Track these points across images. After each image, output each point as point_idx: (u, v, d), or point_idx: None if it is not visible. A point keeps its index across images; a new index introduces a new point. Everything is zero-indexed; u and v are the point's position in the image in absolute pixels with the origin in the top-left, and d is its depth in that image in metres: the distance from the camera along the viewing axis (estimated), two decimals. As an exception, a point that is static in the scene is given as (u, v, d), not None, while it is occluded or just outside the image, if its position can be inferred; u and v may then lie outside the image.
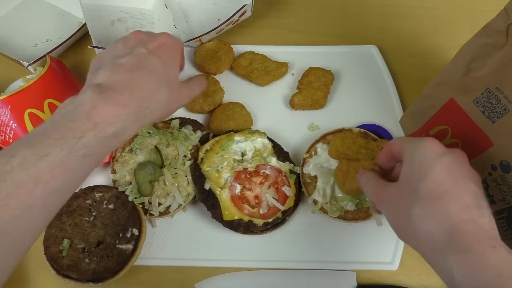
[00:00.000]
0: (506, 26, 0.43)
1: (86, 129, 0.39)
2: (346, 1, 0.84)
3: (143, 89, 0.44)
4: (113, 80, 0.43)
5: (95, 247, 0.56)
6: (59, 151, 0.37)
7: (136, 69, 0.44)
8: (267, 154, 0.62)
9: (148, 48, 0.47)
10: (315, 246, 0.60)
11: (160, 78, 0.46)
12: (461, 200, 0.37)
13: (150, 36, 0.50)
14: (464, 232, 0.35)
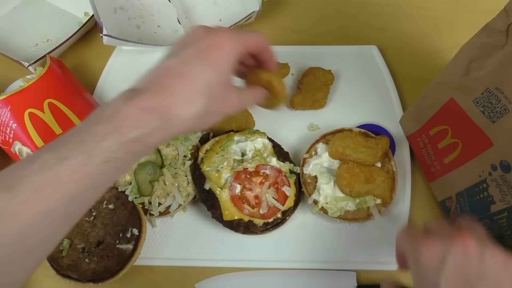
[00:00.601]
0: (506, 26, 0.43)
1: (107, 133, 0.37)
2: (346, 1, 0.84)
3: (174, 96, 0.40)
4: (145, 85, 0.41)
5: (95, 247, 0.56)
6: (79, 155, 0.35)
7: (174, 75, 0.41)
8: (267, 154, 0.62)
9: (197, 49, 0.43)
10: (315, 246, 0.60)
11: (198, 87, 0.41)
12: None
13: (206, 33, 0.45)
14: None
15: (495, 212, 0.49)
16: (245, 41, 0.46)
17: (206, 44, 0.43)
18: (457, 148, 0.54)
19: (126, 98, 0.39)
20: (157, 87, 0.40)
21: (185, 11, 0.82)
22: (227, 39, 0.44)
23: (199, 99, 0.41)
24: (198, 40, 0.44)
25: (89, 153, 0.36)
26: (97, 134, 0.37)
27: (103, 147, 0.36)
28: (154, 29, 0.79)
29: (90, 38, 0.81)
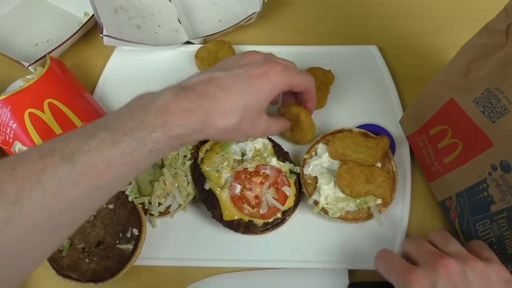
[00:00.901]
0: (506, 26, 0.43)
1: (157, 125, 0.40)
2: (346, 1, 0.84)
3: (215, 107, 0.44)
4: (193, 86, 0.44)
5: (95, 247, 0.56)
6: (131, 141, 0.39)
7: (221, 87, 0.45)
8: (267, 154, 0.62)
9: (248, 72, 0.47)
10: (315, 246, 0.60)
11: (237, 105, 0.46)
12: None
13: (263, 60, 0.50)
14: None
15: (495, 212, 0.49)
16: (293, 81, 0.51)
17: (258, 71, 0.48)
18: (457, 148, 0.54)
19: (175, 95, 0.42)
20: (203, 92, 0.44)
21: (185, 11, 0.82)
22: (277, 74, 0.49)
23: (234, 115, 0.46)
24: (253, 65, 0.48)
25: (140, 141, 0.39)
26: (148, 124, 0.40)
27: (152, 138, 0.40)
28: (155, 29, 0.79)
29: (90, 38, 0.81)
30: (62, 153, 0.36)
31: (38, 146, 0.38)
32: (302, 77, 0.53)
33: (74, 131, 0.39)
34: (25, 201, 0.34)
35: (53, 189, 0.35)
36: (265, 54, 0.51)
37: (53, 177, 0.35)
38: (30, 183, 0.34)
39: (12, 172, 0.34)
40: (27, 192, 0.34)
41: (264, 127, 0.53)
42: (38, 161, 0.35)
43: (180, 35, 0.79)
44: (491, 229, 0.50)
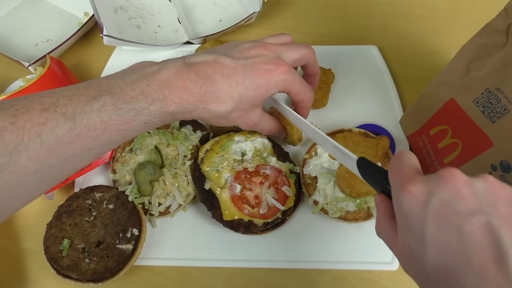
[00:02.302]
0: (506, 26, 0.43)
1: (156, 99, 0.41)
2: (346, 1, 0.84)
3: (212, 92, 0.45)
4: (197, 68, 0.45)
5: (95, 247, 0.56)
6: (131, 110, 0.40)
7: (222, 73, 0.46)
8: (267, 154, 0.62)
9: (253, 66, 0.47)
10: (315, 246, 0.60)
11: (232, 94, 0.46)
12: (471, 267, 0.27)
13: (272, 55, 0.49)
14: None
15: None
16: (292, 87, 0.50)
17: (262, 67, 0.47)
18: (457, 148, 0.54)
19: (177, 72, 0.44)
20: (204, 75, 0.45)
21: (185, 11, 0.82)
22: (280, 75, 0.48)
23: (228, 104, 0.46)
24: (259, 58, 0.48)
25: (138, 111, 0.41)
26: (149, 97, 0.41)
27: (149, 111, 0.41)
28: (155, 29, 0.79)
29: (90, 38, 0.81)
30: (65, 111, 0.37)
31: (40, 96, 0.37)
32: (302, 88, 0.52)
33: (78, 88, 0.39)
34: (22, 153, 0.35)
35: (50, 145, 0.36)
36: (277, 47, 0.50)
37: (52, 134, 0.36)
38: (30, 136, 0.35)
39: (13, 120, 0.35)
40: (25, 144, 0.35)
41: (255, 123, 0.52)
42: (40, 113, 0.36)
43: (180, 35, 0.79)
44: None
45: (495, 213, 0.28)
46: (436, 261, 0.28)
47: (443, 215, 0.29)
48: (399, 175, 0.33)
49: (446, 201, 0.29)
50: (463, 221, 0.28)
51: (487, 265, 0.26)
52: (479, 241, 0.27)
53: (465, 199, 0.29)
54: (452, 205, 0.29)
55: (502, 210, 0.28)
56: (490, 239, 0.27)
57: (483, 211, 0.28)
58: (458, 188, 0.29)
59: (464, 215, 0.28)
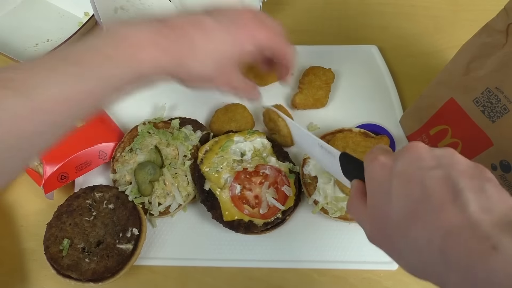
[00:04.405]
0: (506, 25, 0.43)
1: (125, 61, 0.38)
2: (346, 1, 0.84)
3: (192, 50, 0.42)
4: (174, 27, 0.42)
5: (95, 247, 0.56)
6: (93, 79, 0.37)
7: (202, 30, 0.43)
8: (266, 154, 0.62)
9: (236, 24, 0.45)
10: (315, 246, 0.60)
11: (213, 53, 0.44)
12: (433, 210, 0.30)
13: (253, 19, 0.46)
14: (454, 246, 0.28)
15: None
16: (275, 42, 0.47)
17: (245, 29, 0.45)
18: (457, 148, 0.54)
19: (151, 32, 0.40)
20: (181, 32, 0.42)
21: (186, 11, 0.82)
22: (261, 31, 0.46)
23: (209, 64, 0.43)
24: (242, 21, 0.45)
25: (105, 78, 0.37)
26: (116, 60, 0.38)
27: (118, 76, 0.38)
28: (154, 29, 0.79)
29: (90, 38, 0.81)
30: (19, 86, 0.34)
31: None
32: (286, 44, 0.49)
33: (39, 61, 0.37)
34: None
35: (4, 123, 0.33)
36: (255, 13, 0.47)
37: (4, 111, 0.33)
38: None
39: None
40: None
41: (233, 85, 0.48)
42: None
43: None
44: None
45: (454, 169, 0.31)
46: (401, 209, 0.31)
47: (406, 172, 0.32)
48: (371, 155, 0.36)
49: (409, 161, 0.32)
50: (425, 174, 0.31)
51: (445, 201, 0.29)
52: (438, 185, 0.30)
53: (426, 159, 0.32)
54: (415, 164, 0.32)
55: (461, 167, 0.31)
56: (448, 183, 0.30)
57: (443, 167, 0.31)
58: (420, 152, 0.33)
59: (425, 170, 0.31)
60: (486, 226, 0.27)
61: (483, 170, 0.31)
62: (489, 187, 0.29)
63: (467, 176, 0.30)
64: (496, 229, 0.27)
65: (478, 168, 0.31)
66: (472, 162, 0.32)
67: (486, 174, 0.31)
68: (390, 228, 0.32)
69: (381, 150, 0.36)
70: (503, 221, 0.27)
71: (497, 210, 0.28)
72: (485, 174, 0.31)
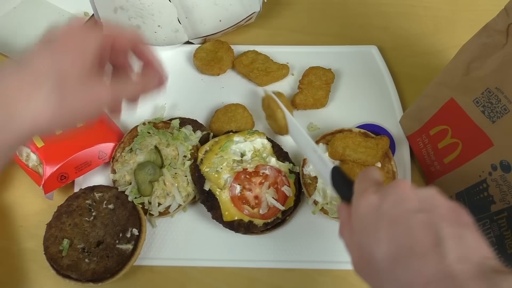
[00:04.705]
0: (506, 26, 0.43)
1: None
2: (346, 1, 0.84)
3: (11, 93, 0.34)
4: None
5: (95, 247, 0.56)
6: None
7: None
8: (266, 154, 0.62)
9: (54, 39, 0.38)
10: (315, 246, 0.60)
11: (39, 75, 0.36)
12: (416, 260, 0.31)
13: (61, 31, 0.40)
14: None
15: (495, 212, 0.49)
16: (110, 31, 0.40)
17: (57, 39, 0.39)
18: (457, 148, 0.54)
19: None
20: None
21: (185, 11, 0.82)
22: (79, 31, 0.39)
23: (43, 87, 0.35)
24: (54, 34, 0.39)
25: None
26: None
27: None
28: (155, 29, 0.79)
29: (90, 38, 0.81)
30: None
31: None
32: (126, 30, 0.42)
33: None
34: None
35: None
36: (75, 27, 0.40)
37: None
38: None
39: None
40: None
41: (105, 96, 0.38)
42: None
43: (180, 35, 0.79)
44: (491, 229, 0.50)
45: (436, 213, 0.32)
46: (386, 252, 0.32)
47: (392, 215, 0.33)
48: (361, 185, 0.38)
49: (395, 202, 0.34)
50: (410, 218, 0.32)
51: (427, 249, 0.31)
52: (421, 231, 0.31)
53: (411, 201, 0.33)
54: (400, 206, 0.33)
55: (441, 211, 0.33)
56: (430, 230, 0.31)
57: (426, 210, 0.33)
58: (405, 193, 0.34)
59: (410, 213, 0.33)
60: (462, 277, 0.29)
61: (461, 214, 0.33)
62: (468, 234, 0.31)
63: (448, 222, 0.32)
64: (470, 280, 0.28)
65: (456, 212, 0.33)
66: (451, 204, 0.34)
67: (464, 219, 0.33)
68: (375, 266, 0.34)
69: (370, 183, 0.37)
70: (478, 271, 0.29)
71: (473, 259, 0.30)
72: (463, 218, 0.33)
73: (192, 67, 0.75)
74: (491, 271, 0.29)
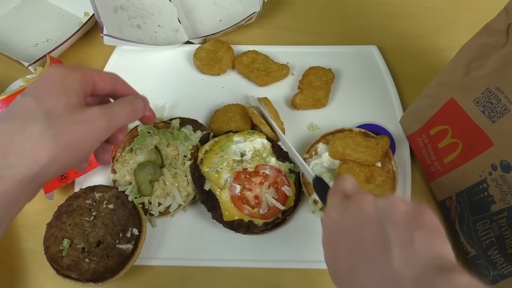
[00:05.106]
0: (507, 26, 0.43)
1: None
2: (346, 1, 0.84)
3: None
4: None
5: (95, 247, 0.56)
6: None
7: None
8: (266, 154, 0.62)
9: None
10: (315, 245, 0.60)
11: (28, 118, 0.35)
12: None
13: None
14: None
15: (495, 212, 0.49)
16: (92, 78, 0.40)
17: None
18: (457, 148, 0.54)
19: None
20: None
21: (185, 11, 0.82)
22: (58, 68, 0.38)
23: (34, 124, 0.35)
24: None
25: None
26: None
27: None
28: (155, 29, 0.79)
29: (90, 38, 0.81)
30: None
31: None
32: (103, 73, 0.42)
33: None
34: None
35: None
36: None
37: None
38: None
39: None
40: None
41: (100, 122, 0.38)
42: None
43: (180, 35, 0.79)
44: (491, 229, 0.50)
45: (390, 220, 0.34)
46: (344, 263, 0.36)
47: (349, 227, 0.36)
48: (331, 199, 0.40)
49: (352, 216, 0.36)
50: (362, 228, 0.35)
51: (375, 256, 0.33)
52: (372, 240, 0.34)
53: (367, 213, 0.35)
54: (356, 218, 0.36)
55: (397, 218, 0.34)
56: (380, 239, 0.33)
57: (380, 219, 0.34)
58: (363, 205, 0.36)
59: (364, 224, 0.35)
60: (406, 280, 0.30)
61: (420, 215, 0.34)
62: (418, 236, 0.32)
63: (399, 227, 0.33)
64: (412, 282, 0.30)
65: (415, 214, 0.34)
66: (411, 207, 0.35)
67: (423, 219, 0.34)
68: (339, 277, 0.37)
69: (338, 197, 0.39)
70: (422, 273, 0.30)
71: (419, 262, 0.31)
72: (421, 219, 0.34)
73: (192, 67, 0.75)
74: (436, 271, 0.30)
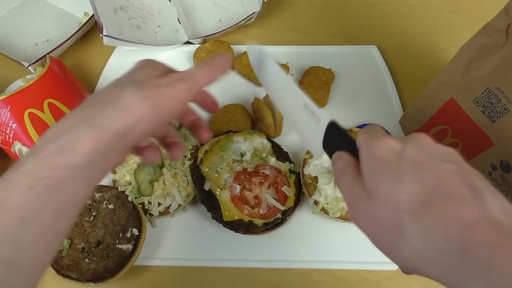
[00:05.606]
0: (506, 25, 0.43)
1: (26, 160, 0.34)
2: (346, 1, 0.85)
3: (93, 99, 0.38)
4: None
5: (95, 247, 0.56)
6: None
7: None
8: (266, 154, 0.62)
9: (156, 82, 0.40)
10: (315, 246, 0.60)
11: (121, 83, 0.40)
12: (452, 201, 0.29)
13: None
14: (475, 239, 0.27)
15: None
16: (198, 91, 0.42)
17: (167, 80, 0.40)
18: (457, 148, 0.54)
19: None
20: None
21: (185, 11, 0.82)
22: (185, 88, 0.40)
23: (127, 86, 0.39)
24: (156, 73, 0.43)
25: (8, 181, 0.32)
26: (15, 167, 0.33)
27: (22, 171, 0.32)
28: (155, 29, 0.79)
29: (90, 38, 0.81)
30: None
31: None
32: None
33: None
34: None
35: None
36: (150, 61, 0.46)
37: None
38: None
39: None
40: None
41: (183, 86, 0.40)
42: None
43: (180, 35, 0.79)
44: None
45: (464, 167, 0.31)
46: (411, 193, 0.30)
47: (417, 159, 0.31)
48: (372, 134, 0.35)
49: (420, 149, 0.32)
50: (438, 165, 0.30)
51: (465, 195, 0.28)
52: (454, 179, 0.29)
53: (435, 151, 0.32)
54: (425, 153, 0.31)
55: (470, 169, 0.31)
56: (464, 180, 0.29)
57: (454, 162, 0.31)
58: (429, 143, 0.33)
59: (438, 161, 0.31)
60: (508, 225, 0.27)
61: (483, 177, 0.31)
62: (498, 193, 0.29)
63: (478, 177, 0.30)
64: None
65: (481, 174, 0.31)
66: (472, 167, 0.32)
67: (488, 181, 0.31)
68: (397, 210, 0.30)
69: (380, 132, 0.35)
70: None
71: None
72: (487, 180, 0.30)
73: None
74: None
